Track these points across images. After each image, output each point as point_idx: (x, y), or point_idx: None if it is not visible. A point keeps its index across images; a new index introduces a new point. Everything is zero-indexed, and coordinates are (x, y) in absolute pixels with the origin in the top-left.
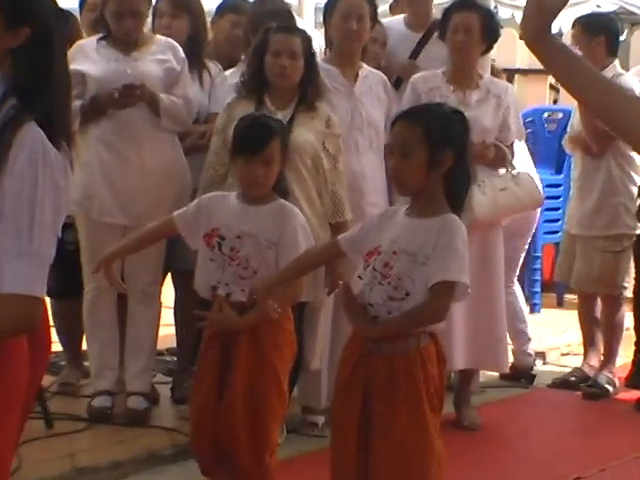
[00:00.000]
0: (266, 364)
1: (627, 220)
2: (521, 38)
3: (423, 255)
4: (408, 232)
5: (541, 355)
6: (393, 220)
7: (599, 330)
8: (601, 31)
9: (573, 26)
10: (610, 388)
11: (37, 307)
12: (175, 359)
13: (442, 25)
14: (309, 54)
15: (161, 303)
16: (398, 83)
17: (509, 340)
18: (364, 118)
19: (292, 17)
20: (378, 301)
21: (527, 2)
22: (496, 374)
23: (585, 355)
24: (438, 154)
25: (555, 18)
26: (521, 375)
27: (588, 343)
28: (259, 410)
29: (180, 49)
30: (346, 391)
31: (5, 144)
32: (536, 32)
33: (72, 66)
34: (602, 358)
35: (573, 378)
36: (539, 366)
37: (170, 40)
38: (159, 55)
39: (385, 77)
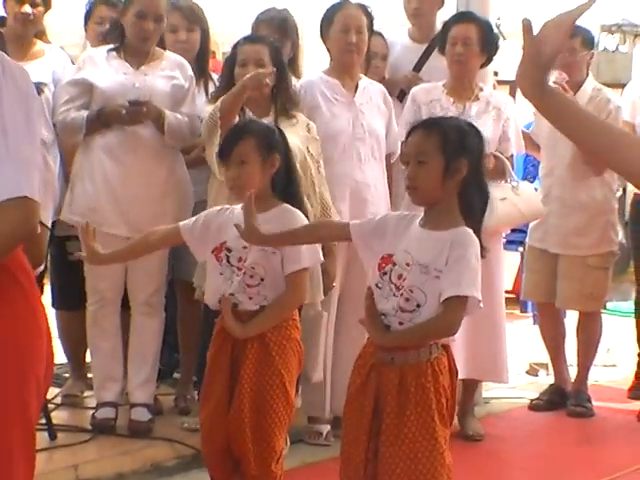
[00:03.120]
0: (273, 372)
1: (613, 236)
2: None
3: (435, 268)
4: (421, 244)
5: (544, 366)
6: (409, 229)
7: (563, 344)
8: (592, 45)
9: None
10: (590, 406)
11: (31, 208)
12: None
13: (441, 37)
14: (278, 63)
15: (164, 314)
16: (402, 95)
17: None
18: (366, 128)
19: (287, 25)
20: (390, 312)
21: (521, 59)
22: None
23: (557, 370)
24: (454, 162)
25: (550, 69)
26: None
27: (557, 357)
28: (265, 418)
29: (189, 67)
30: (357, 400)
31: None
32: (533, 86)
33: (81, 74)
34: (578, 372)
35: (548, 397)
36: (543, 377)
37: (179, 58)
38: (167, 71)
39: (384, 88)
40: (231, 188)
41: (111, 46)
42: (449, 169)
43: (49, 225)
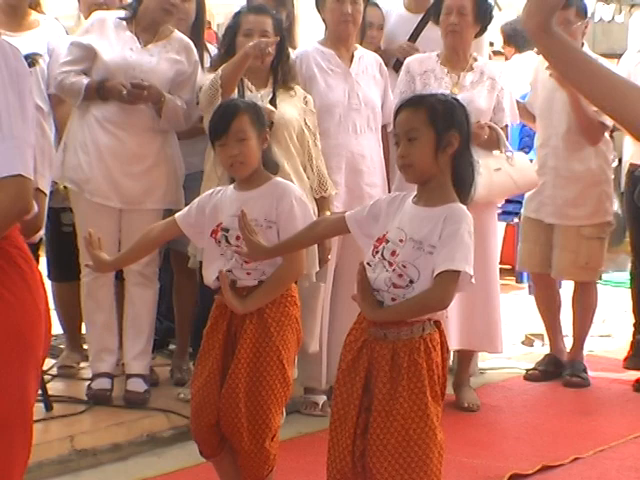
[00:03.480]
0: (271, 349)
1: (608, 207)
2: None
3: (429, 244)
4: (415, 220)
5: (540, 337)
6: (401, 207)
7: (559, 314)
8: (586, 15)
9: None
10: (587, 376)
11: (26, 186)
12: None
13: (436, 7)
14: (280, 35)
15: (158, 285)
16: (398, 65)
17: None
18: (361, 98)
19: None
20: (382, 287)
21: None
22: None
23: (552, 340)
24: (445, 135)
25: (556, 11)
26: None
27: (553, 328)
28: (261, 395)
29: (195, 51)
30: (348, 375)
31: None
32: (539, 26)
33: (88, 39)
34: (573, 343)
35: (544, 367)
36: (539, 347)
37: (186, 40)
38: (173, 54)
39: (380, 58)
40: (231, 165)
41: (122, 14)
42: (441, 142)
43: (47, 193)
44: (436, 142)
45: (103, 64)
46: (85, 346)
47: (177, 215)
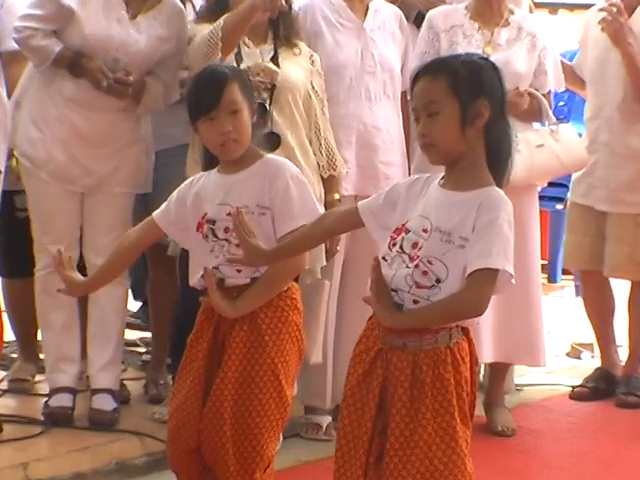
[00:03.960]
0: (264, 361)
1: None
2: None
3: (459, 236)
4: (442, 207)
5: (588, 347)
6: (425, 191)
7: (612, 320)
8: None
9: None
10: None
11: None
12: (149, 350)
13: None
14: None
15: (129, 282)
16: (420, 19)
17: None
18: (377, 59)
19: None
20: (403, 287)
21: None
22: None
23: (604, 352)
24: (472, 105)
25: None
26: None
27: (604, 337)
28: (251, 416)
29: (186, 22)
30: (359, 392)
31: None
32: None
33: None
34: (629, 355)
35: (594, 384)
36: (587, 360)
37: (179, 6)
38: (163, 30)
39: (399, 11)
40: (222, 145)
41: None
42: (468, 114)
43: (2, 170)
44: (462, 115)
45: (81, 35)
46: (41, 355)
47: (155, 214)
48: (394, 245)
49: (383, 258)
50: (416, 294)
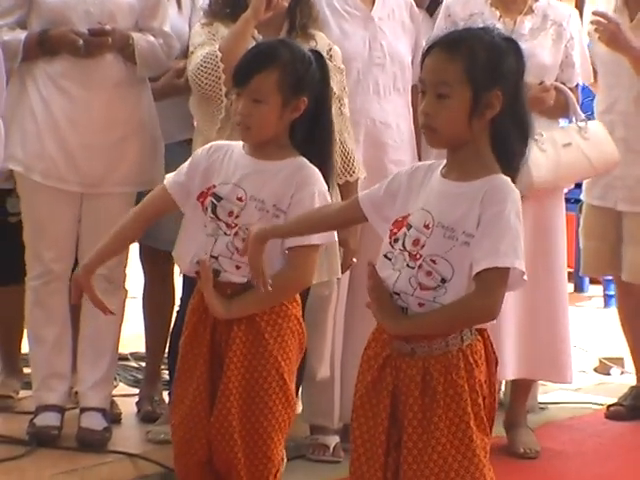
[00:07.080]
0: (267, 361)
1: None
2: None
3: (463, 231)
4: (444, 199)
5: (619, 362)
6: (427, 181)
7: None
8: None
9: None
10: None
11: None
12: (143, 366)
13: None
14: None
15: (127, 292)
16: (433, 7)
17: None
18: (386, 50)
19: None
20: (407, 290)
21: None
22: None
23: (639, 367)
24: (484, 95)
25: None
26: None
27: (639, 350)
28: (259, 420)
29: None
30: (369, 402)
31: None
32: None
33: None
34: None
35: (631, 402)
36: (616, 376)
37: None
38: None
39: None
40: (238, 123)
41: None
42: (478, 104)
43: None
44: (472, 104)
45: (44, 4)
46: (27, 370)
47: (166, 179)
48: (396, 241)
49: (386, 256)
50: (421, 296)
